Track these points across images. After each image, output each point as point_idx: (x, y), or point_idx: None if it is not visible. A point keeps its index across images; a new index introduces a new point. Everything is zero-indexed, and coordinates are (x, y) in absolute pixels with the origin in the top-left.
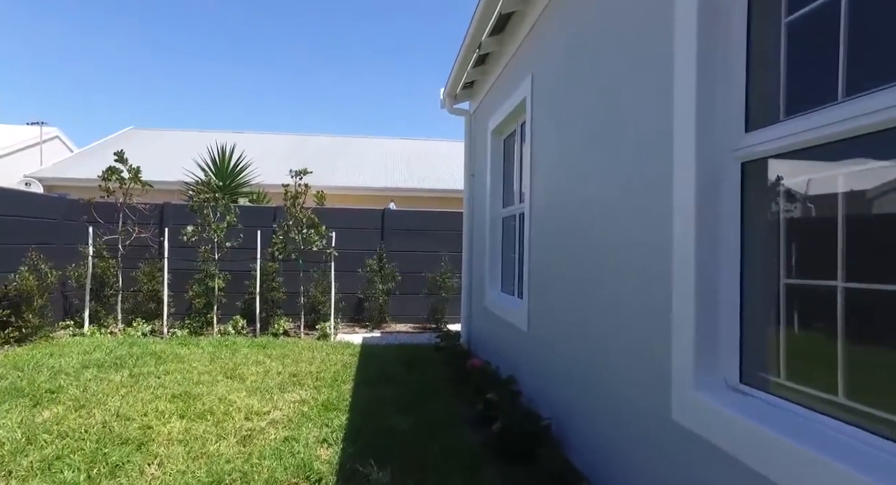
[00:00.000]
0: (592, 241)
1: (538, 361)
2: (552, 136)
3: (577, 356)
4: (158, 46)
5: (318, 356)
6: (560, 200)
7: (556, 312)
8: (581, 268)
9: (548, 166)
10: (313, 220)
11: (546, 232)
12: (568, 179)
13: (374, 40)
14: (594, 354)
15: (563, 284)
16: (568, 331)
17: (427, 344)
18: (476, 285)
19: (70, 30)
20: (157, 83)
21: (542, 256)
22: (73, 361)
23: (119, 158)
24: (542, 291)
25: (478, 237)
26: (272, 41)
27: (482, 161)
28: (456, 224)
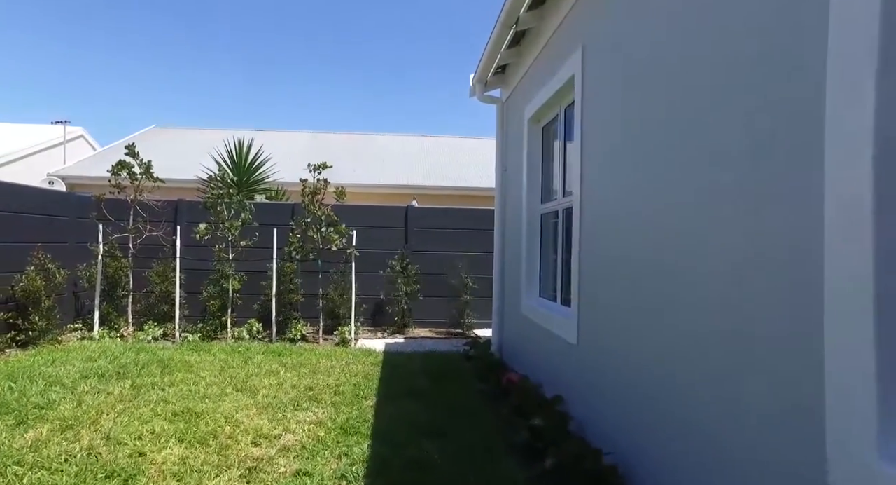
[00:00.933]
0: (686, 247)
1: (592, 382)
2: (612, 117)
3: (652, 384)
4: (185, 45)
5: (336, 366)
6: (624, 195)
7: (620, 326)
8: (663, 275)
9: (605, 155)
10: (332, 217)
11: (604, 232)
12: (638, 169)
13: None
14: (682, 387)
15: (629, 293)
16: (637, 351)
17: (454, 352)
18: (509, 289)
19: (95, 30)
20: (184, 82)
21: (598, 259)
22: (73, 370)
23: (130, 151)
24: (598, 301)
25: (511, 236)
26: (292, 42)
27: (517, 153)
28: (484, 222)
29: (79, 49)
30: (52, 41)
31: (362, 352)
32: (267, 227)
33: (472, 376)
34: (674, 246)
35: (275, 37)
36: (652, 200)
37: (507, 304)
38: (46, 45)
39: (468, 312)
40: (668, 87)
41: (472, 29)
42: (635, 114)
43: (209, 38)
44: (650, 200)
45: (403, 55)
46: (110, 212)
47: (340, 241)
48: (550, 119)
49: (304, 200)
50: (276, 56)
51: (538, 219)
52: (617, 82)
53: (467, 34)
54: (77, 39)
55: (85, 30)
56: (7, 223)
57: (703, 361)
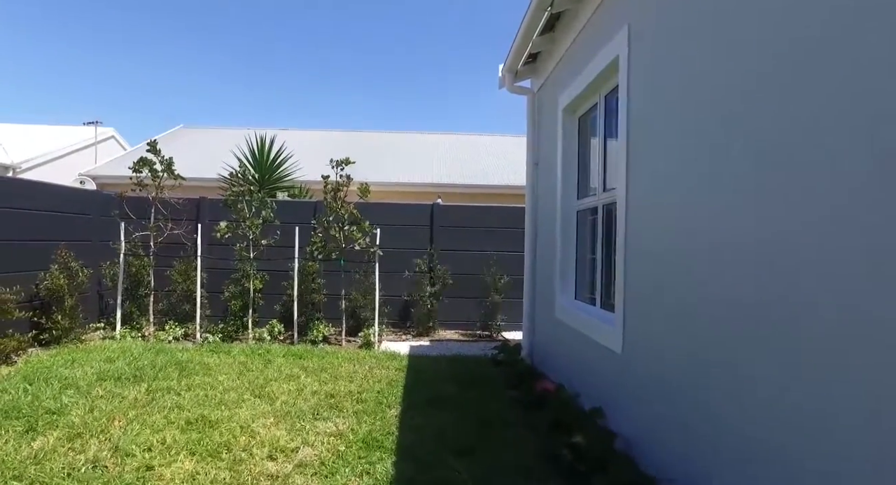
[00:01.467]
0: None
1: (641, 397)
2: (667, 103)
3: (721, 404)
4: (215, 46)
5: (359, 371)
6: (683, 192)
7: (679, 337)
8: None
9: (657, 147)
10: (356, 215)
11: (657, 231)
12: (701, 162)
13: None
14: (762, 408)
15: (691, 300)
16: (702, 366)
17: (482, 356)
18: (541, 291)
19: (128, 31)
20: (211, 84)
21: (650, 261)
22: (90, 372)
23: (151, 148)
24: (649, 308)
25: (544, 235)
26: (319, 41)
27: (550, 146)
28: (513, 220)
29: (113, 52)
30: (84, 44)
31: (386, 355)
32: (289, 225)
33: (502, 383)
34: (756, 252)
35: (300, 37)
36: (719, 199)
37: (539, 306)
38: (79, 48)
39: (496, 315)
40: (742, 69)
41: (495, 23)
42: (702, 98)
43: (235, 36)
44: (718, 198)
45: (422, 52)
46: (133, 210)
47: (363, 239)
48: (588, 109)
49: (326, 198)
50: (302, 58)
51: (573, 216)
52: (673, 63)
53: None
54: (110, 42)
55: (119, 33)
56: (31, 221)
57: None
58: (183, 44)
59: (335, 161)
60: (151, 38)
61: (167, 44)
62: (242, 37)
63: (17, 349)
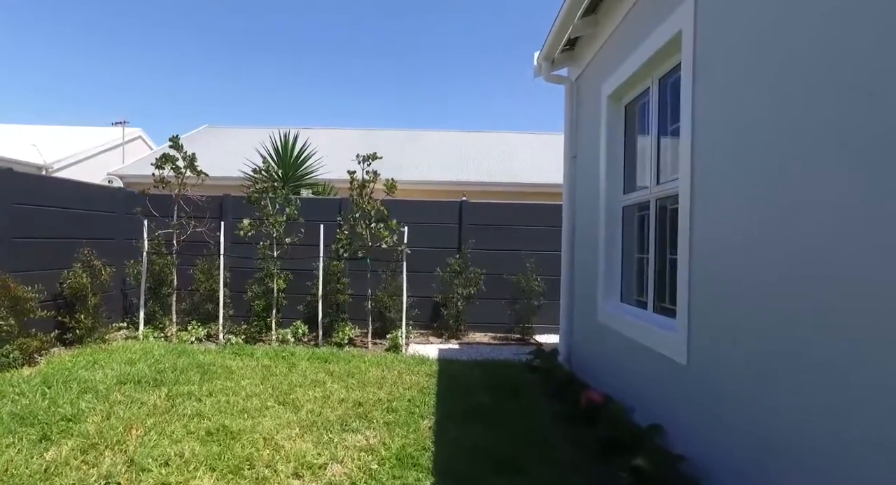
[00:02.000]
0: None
1: (713, 416)
2: (751, 79)
3: (827, 437)
4: (242, 45)
5: (388, 376)
6: (771, 183)
7: (766, 350)
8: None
9: (734, 132)
10: (383, 212)
11: (733, 228)
12: (797, 147)
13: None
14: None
15: (782, 307)
16: (794, 387)
17: (515, 361)
18: (581, 293)
19: (156, 32)
20: (237, 83)
21: (723, 258)
22: (110, 375)
23: (174, 144)
24: (722, 312)
25: (583, 233)
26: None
27: (591, 137)
28: (547, 218)
29: (141, 55)
30: (115, 45)
31: (415, 360)
32: (313, 223)
33: (541, 391)
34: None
35: (323, 36)
36: (822, 192)
37: (579, 309)
38: (110, 49)
39: (529, 317)
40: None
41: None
42: (797, 70)
43: (262, 36)
44: (818, 190)
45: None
46: (156, 207)
47: (391, 238)
48: (636, 95)
49: (352, 194)
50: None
51: (619, 212)
52: (751, 28)
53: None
54: (138, 45)
55: (148, 34)
56: (54, 219)
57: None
58: (209, 48)
59: (362, 156)
60: (177, 41)
61: (192, 47)
62: (266, 37)
63: (40, 349)
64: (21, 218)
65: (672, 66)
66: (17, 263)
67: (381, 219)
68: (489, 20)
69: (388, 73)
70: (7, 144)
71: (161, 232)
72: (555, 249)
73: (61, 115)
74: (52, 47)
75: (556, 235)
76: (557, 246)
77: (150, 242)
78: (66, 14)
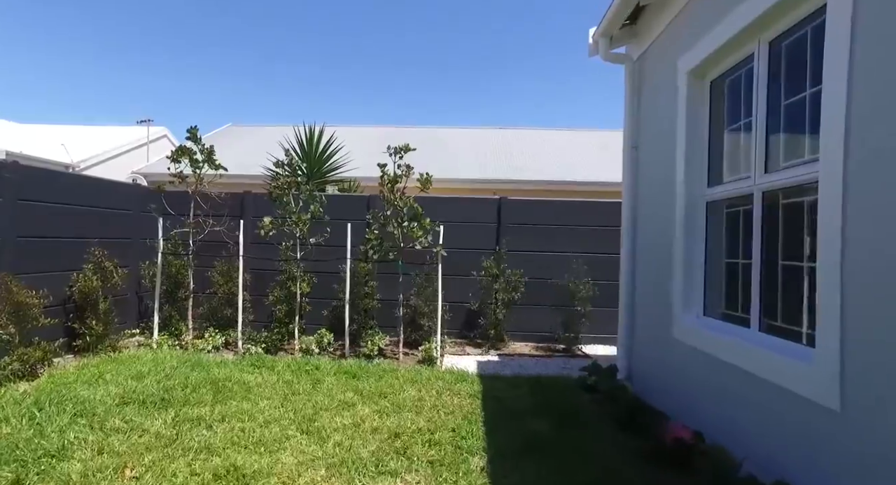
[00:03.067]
0: None
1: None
2: None
3: None
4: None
5: (426, 397)
6: None
7: None
8: None
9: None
10: (417, 210)
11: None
12: None
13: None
14: None
15: None
16: None
17: (566, 378)
18: (646, 302)
19: (181, 31)
20: (264, 81)
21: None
22: (113, 392)
23: (192, 136)
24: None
25: (650, 233)
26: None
27: (661, 123)
28: (597, 217)
29: (166, 53)
30: (141, 45)
31: (453, 375)
32: (339, 222)
33: (606, 419)
34: None
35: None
36: None
37: (642, 320)
38: (136, 50)
39: (576, 326)
40: None
41: None
42: None
43: (286, 34)
44: None
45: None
46: (174, 205)
47: (425, 238)
48: (729, 68)
49: (382, 190)
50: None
51: (702, 208)
52: None
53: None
54: (164, 43)
55: (170, 34)
56: (64, 217)
57: None
58: (229, 47)
59: (393, 148)
60: (200, 41)
61: (215, 47)
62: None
63: (43, 360)
64: (27, 215)
65: (796, 19)
66: (21, 264)
67: (414, 217)
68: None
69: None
70: (37, 144)
71: (177, 231)
72: (604, 252)
73: (94, 117)
74: (80, 49)
75: (606, 236)
76: (607, 248)
77: (165, 242)
78: (103, 16)
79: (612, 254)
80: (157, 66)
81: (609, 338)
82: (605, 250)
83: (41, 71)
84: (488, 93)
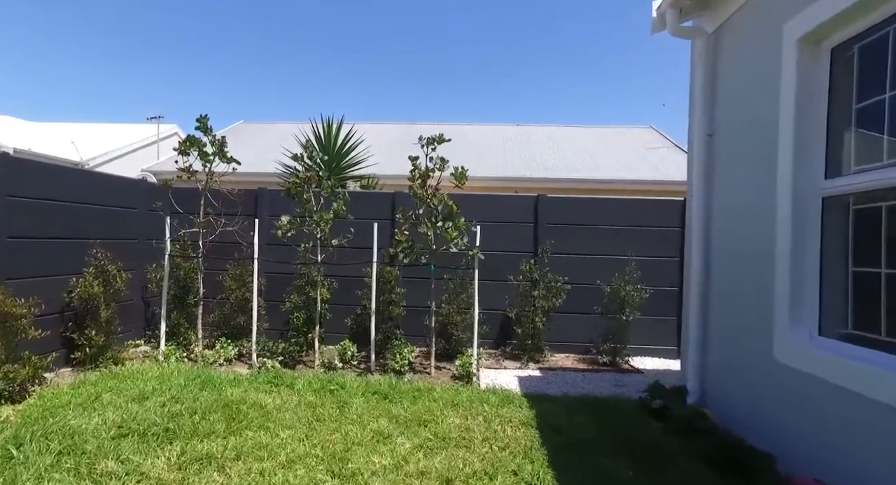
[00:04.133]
0: None
1: None
2: None
3: None
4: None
5: (473, 426)
6: None
7: None
8: None
9: None
10: (451, 208)
11: None
12: None
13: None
14: None
15: None
16: None
17: (624, 398)
18: (728, 315)
19: (197, 28)
20: (277, 78)
21: None
22: (110, 420)
23: (201, 126)
24: None
25: (734, 234)
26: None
27: (753, 103)
28: (643, 217)
29: (176, 52)
30: (153, 43)
31: (497, 396)
32: (362, 222)
33: (692, 458)
34: None
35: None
36: None
37: (722, 335)
38: (148, 48)
39: (624, 337)
40: None
41: None
42: None
43: (300, 29)
44: None
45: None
46: (181, 202)
47: (460, 239)
48: (866, 27)
49: (413, 186)
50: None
51: (816, 205)
52: None
53: None
54: (175, 43)
55: (184, 31)
56: (61, 215)
57: None
58: (241, 44)
59: (426, 138)
60: (208, 39)
61: (222, 43)
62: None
63: (33, 377)
64: (18, 213)
65: None
66: (12, 268)
67: (448, 216)
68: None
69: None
70: (46, 142)
71: (186, 232)
72: (649, 254)
73: (105, 115)
74: (89, 46)
75: (652, 237)
76: (653, 250)
77: (173, 244)
78: (114, 14)
79: (659, 257)
80: (168, 64)
81: (658, 349)
82: (650, 253)
83: (53, 69)
84: (490, 93)
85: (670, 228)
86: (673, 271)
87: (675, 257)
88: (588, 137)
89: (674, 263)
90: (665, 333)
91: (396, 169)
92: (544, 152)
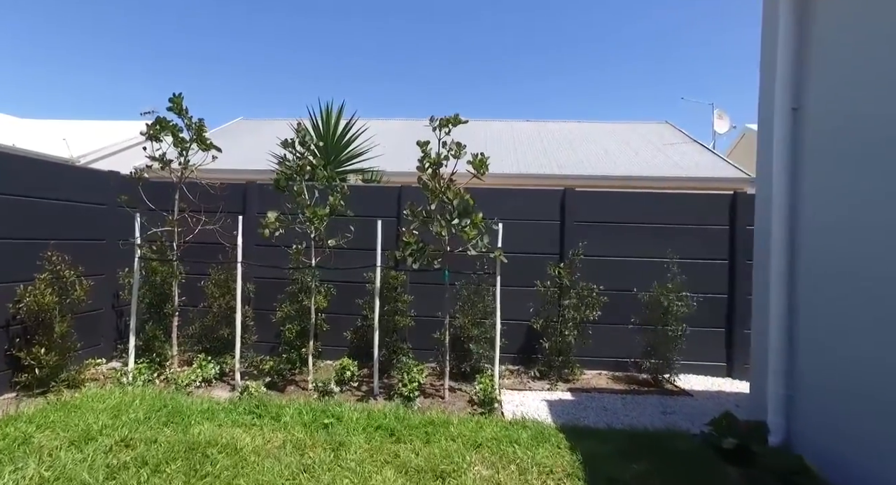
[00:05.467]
0: None
1: None
2: None
3: None
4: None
5: (504, 481)
6: None
7: None
8: None
9: None
10: (468, 203)
11: None
12: None
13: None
14: None
15: None
16: None
17: (677, 432)
18: (831, 337)
19: (208, 24)
20: (281, 76)
21: None
22: (38, 475)
23: (175, 106)
24: None
25: (840, 235)
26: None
27: (873, 64)
28: (699, 215)
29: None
30: (158, 39)
31: (527, 431)
32: (362, 220)
33: None
34: None
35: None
36: None
37: (821, 362)
38: (153, 44)
39: (668, 352)
40: None
41: None
42: None
43: (312, 29)
44: None
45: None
46: (154, 198)
47: (480, 240)
48: None
49: (423, 176)
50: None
51: None
52: None
53: None
54: (182, 36)
55: (187, 26)
56: (10, 212)
57: None
58: (243, 39)
59: (439, 120)
60: (216, 33)
61: (229, 39)
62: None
63: None
64: None
65: None
66: None
67: (465, 213)
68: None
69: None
70: (37, 139)
71: (158, 230)
72: (698, 257)
73: (105, 115)
74: (90, 46)
75: (698, 236)
76: (699, 251)
77: (149, 245)
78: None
79: (703, 259)
80: (168, 63)
81: (705, 366)
82: (693, 255)
83: (47, 65)
84: (492, 92)
85: (716, 226)
86: (720, 276)
87: (722, 259)
88: (601, 133)
89: (720, 266)
90: (712, 346)
91: (403, 165)
92: (557, 148)
